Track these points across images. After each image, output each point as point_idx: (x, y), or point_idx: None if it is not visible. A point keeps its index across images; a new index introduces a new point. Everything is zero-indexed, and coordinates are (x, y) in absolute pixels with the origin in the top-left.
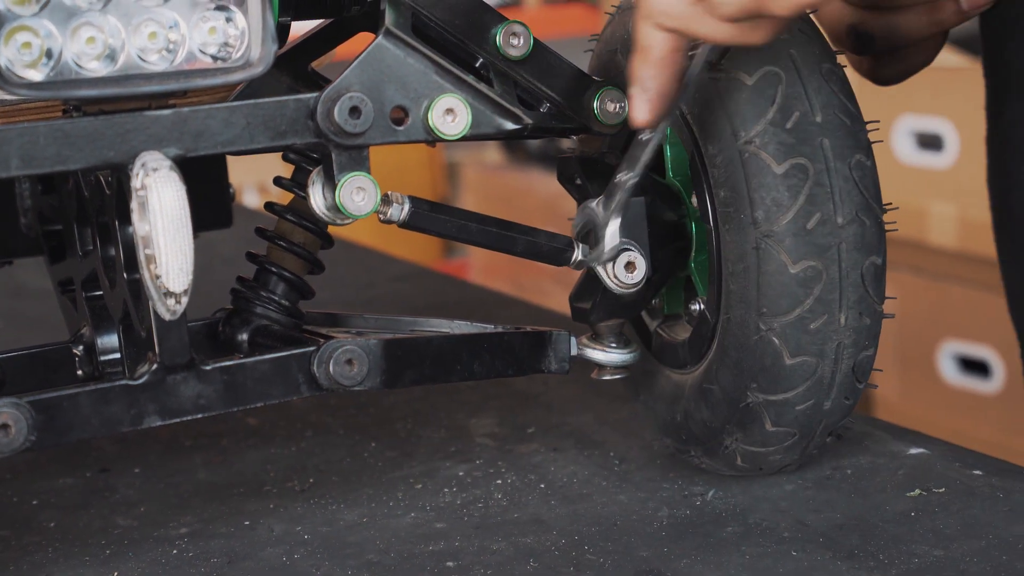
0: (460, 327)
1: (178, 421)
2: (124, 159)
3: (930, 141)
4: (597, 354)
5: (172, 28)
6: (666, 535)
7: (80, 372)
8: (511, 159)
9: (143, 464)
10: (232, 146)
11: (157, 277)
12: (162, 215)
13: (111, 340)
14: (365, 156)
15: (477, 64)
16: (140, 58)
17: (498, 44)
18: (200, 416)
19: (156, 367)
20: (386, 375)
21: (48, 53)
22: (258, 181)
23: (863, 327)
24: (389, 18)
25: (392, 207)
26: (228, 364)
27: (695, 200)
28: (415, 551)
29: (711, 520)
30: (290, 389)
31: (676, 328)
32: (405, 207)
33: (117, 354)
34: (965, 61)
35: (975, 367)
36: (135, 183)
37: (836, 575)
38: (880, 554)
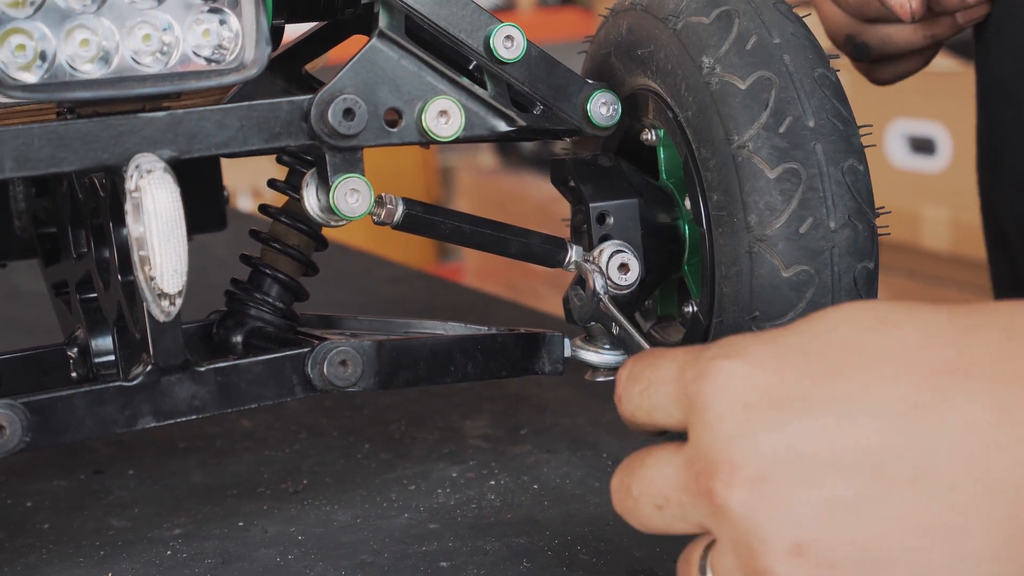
0: (454, 329)
1: (173, 422)
2: (118, 161)
3: (923, 145)
4: (591, 355)
5: (166, 30)
6: (659, 536)
7: (74, 374)
8: (505, 163)
9: (137, 466)
10: (226, 148)
11: (151, 279)
12: (156, 217)
13: (105, 342)
14: (359, 158)
15: (471, 66)
16: (134, 60)
17: (492, 46)
18: (194, 417)
19: (150, 368)
20: (380, 376)
21: (42, 55)
22: (252, 185)
23: None
24: (383, 20)
25: (386, 209)
26: (222, 365)
27: (688, 203)
28: (409, 552)
29: None
30: (284, 390)
31: (669, 330)
32: (399, 209)
33: (111, 356)
34: (957, 65)
35: None
36: (129, 185)
37: None
38: None
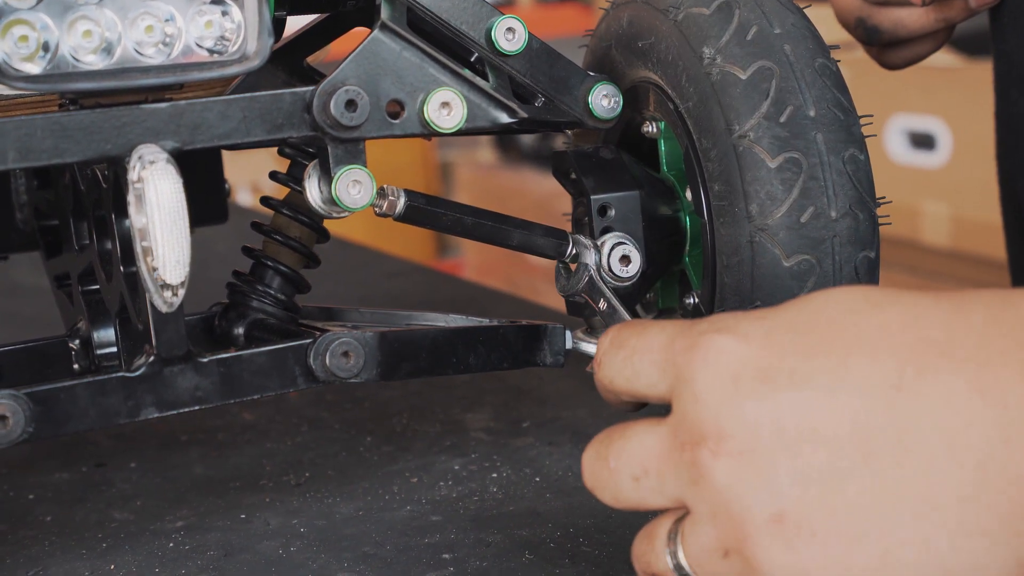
0: (455, 321)
1: (175, 413)
2: (121, 152)
3: (923, 140)
4: (592, 348)
5: (168, 21)
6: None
7: (76, 366)
8: (504, 158)
9: (139, 458)
10: (229, 139)
11: (154, 269)
12: (159, 207)
13: (107, 334)
14: (361, 149)
15: (472, 58)
16: (137, 51)
17: (493, 38)
18: (197, 408)
19: (153, 359)
20: (382, 367)
21: (45, 46)
22: (252, 180)
23: None
24: (385, 12)
25: (387, 200)
26: (225, 356)
27: (689, 194)
28: (411, 544)
29: None
30: (287, 381)
31: None
32: (401, 200)
33: (113, 348)
34: (958, 61)
35: None
36: (132, 176)
37: None
38: None
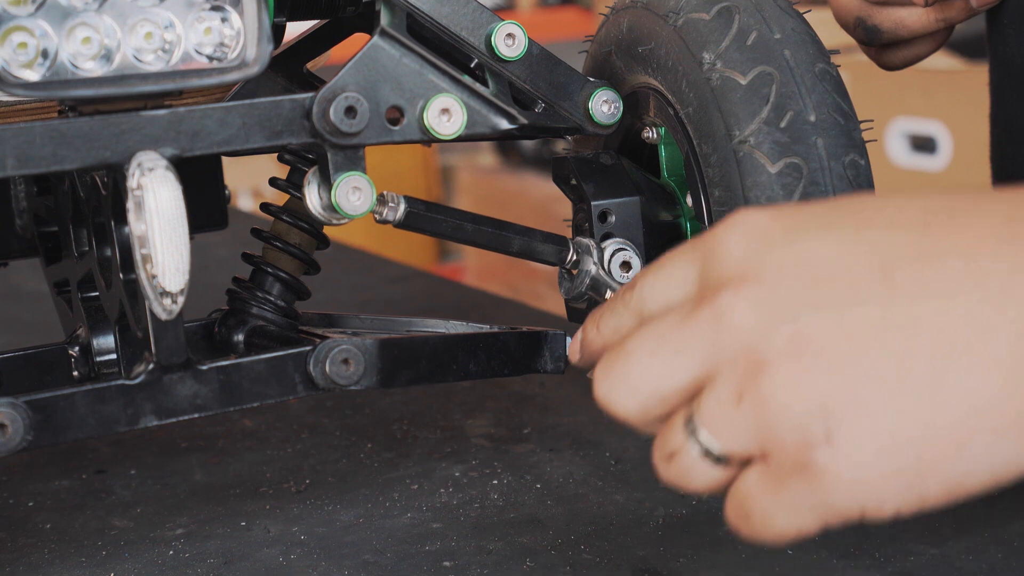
0: (456, 327)
1: (175, 421)
2: (120, 159)
3: (923, 143)
4: None
5: (168, 28)
6: (662, 534)
7: (76, 373)
8: (505, 162)
9: (139, 465)
10: (228, 146)
11: (153, 277)
12: (158, 215)
13: (107, 341)
14: (361, 156)
15: (472, 64)
16: (136, 58)
17: (493, 44)
18: (196, 416)
19: (152, 367)
20: (382, 374)
21: (44, 53)
22: (252, 185)
23: None
24: (384, 18)
25: (388, 207)
26: (224, 364)
27: (690, 200)
28: (412, 551)
29: (707, 519)
30: (286, 389)
31: None
32: (401, 207)
33: (113, 355)
34: (958, 64)
35: None
36: (131, 183)
37: (832, 573)
38: (876, 552)
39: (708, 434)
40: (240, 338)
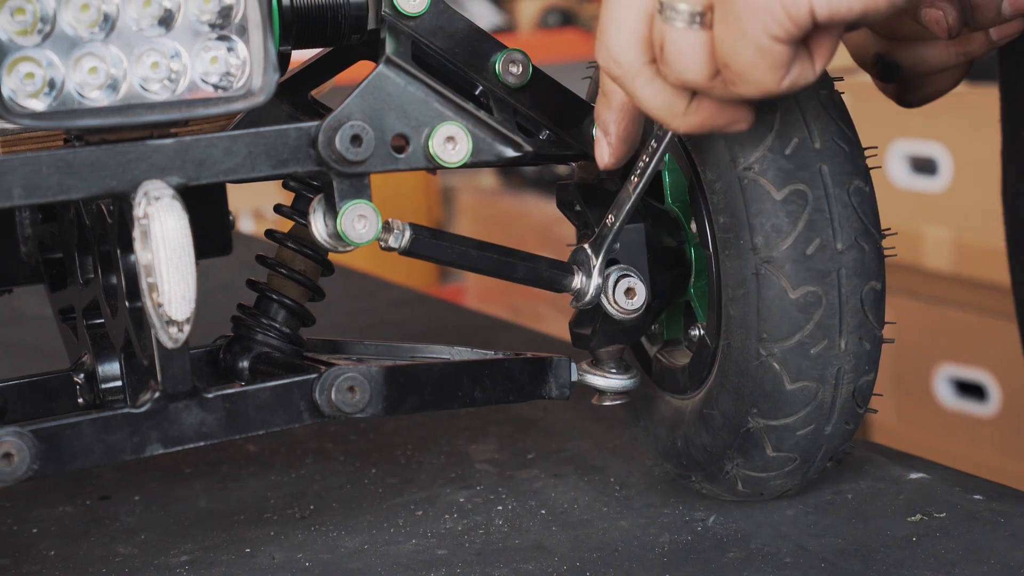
0: (460, 353)
1: (180, 449)
2: (127, 188)
3: (924, 165)
4: (597, 380)
5: (174, 58)
6: (668, 560)
7: (81, 400)
8: (506, 184)
9: (143, 492)
10: (234, 175)
11: (160, 305)
12: (164, 243)
13: (112, 368)
14: (366, 184)
15: (477, 92)
16: (142, 88)
17: (498, 72)
18: (202, 444)
19: (159, 395)
20: (388, 402)
21: (51, 83)
22: (254, 207)
23: (863, 352)
24: (389, 47)
25: (393, 234)
26: (230, 392)
27: (694, 226)
28: None
29: (712, 545)
30: (292, 416)
31: (676, 354)
32: (406, 234)
33: (118, 382)
34: (960, 87)
35: (971, 390)
36: (137, 212)
37: None
38: None
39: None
40: (245, 365)
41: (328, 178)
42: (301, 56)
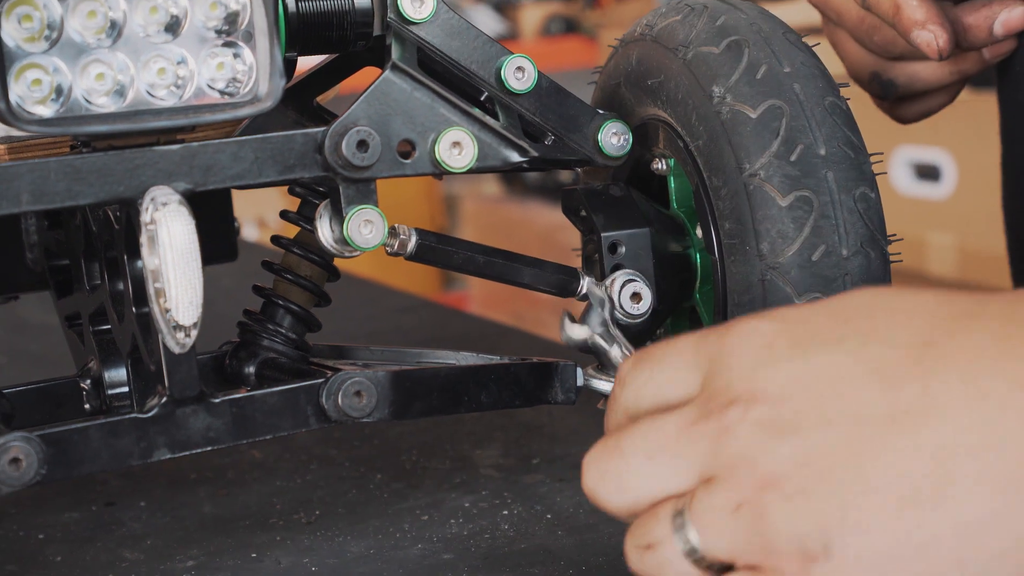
0: (466, 358)
1: (187, 454)
2: (134, 194)
3: (928, 172)
4: (603, 384)
5: (180, 64)
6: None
7: (87, 406)
8: (509, 191)
9: (149, 498)
10: (240, 180)
11: (167, 311)
12: (172, 249)
13: (119, 374)
14: (372, 189)
15: (482, 97)
16: (149, 94)
17: (503, 77)
18: (209, 448)
19: (166, 400)
20: (394, 407)
21: (58, 90)
22: (257, 215)
23: None
24: (395, 53)
25: (399, 239)
26: (237, 397)
27: (699, 231)
28: None
29: None
30: (299, 421)
31: None
32: (412, 239)
33: (124, 388)
34: (963, 94)
35: None
36: (144, 217)
37: None
38: None
39: (697, 534)
40: (251, 370)
41: (334, 183)
42: (307, 63)
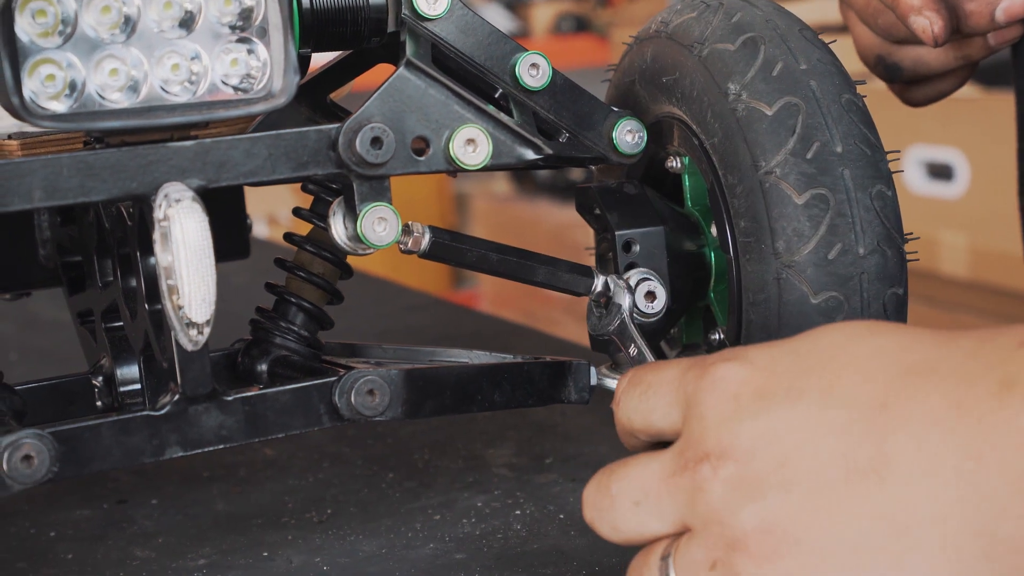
0: (479, 357)
1: (200, 452)
2: (147, 190)
3: (940, 171)
4: (616, 384)
5: (194, 60)
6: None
7: (99, 403)
8: (519, 190)
9: (160, 495)
10: (254, 177)
11: (180, 308)
12: (185, 246)
13: (131, 371)
14: (386, 186)
15: (497, 94)
16: (163, 90)
17: (517, 74)
18: (222, 447)
19: (178, 398)
20: (407, 405)
21: (71, 85)
22: (267, 213)
23: None
24: (410, 49)
25: (413, 237)
26: (250, 395)
27: (714, 230)
28: None
29: None
30: (312, 419)
31: None
32: (426, 237)
33: (136, 385)
34: (976, 92)
35: None
36: (158, 214)
37: None
38: None
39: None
40: (264, 368)
41: (348, 180)
42: (321, 59)
